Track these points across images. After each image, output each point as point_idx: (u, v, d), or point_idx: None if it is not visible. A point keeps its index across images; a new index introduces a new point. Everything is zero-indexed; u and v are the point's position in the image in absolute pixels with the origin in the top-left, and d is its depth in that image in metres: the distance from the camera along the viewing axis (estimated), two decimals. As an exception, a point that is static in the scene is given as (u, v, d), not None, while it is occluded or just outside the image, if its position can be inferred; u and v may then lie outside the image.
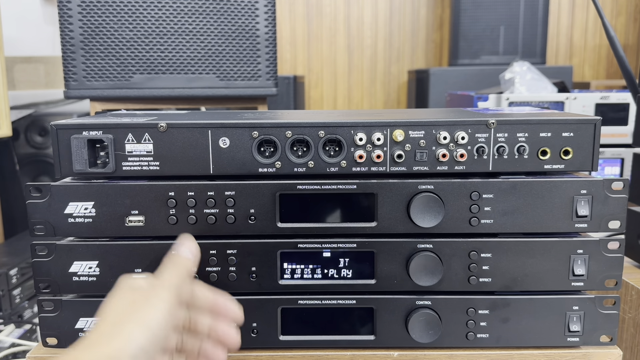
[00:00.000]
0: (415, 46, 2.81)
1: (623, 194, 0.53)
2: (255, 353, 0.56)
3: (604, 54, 2.79)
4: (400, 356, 0.56)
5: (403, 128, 0.53)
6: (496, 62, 2.32)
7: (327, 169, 0.53)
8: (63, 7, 1.09)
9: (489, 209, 0.54)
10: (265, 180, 0.54)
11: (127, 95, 1.13)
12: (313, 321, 0.57)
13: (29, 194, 0.53)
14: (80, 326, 0.56)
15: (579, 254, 0.54)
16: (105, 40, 1.11)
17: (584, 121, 0.53)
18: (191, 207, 0.53)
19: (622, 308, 0.72)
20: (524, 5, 2.31)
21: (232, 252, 0.55)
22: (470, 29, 2.34)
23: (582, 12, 2.76)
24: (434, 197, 0.53)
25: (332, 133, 0.53)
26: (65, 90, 1.13)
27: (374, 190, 0.54)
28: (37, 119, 1.87)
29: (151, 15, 1.11)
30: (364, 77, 2.83)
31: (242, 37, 1.15)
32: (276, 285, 0.56)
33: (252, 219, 0.54)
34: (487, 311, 0.56)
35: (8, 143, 1.79)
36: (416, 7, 2.78)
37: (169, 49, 1.13)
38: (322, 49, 2.79)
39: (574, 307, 0.55)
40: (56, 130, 0.53)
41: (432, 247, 0.55)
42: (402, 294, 0.56)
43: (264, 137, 0.53)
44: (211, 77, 1.16)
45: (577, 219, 0.54)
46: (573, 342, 0.56)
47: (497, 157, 0.54)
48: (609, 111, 1.40)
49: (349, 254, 0.55)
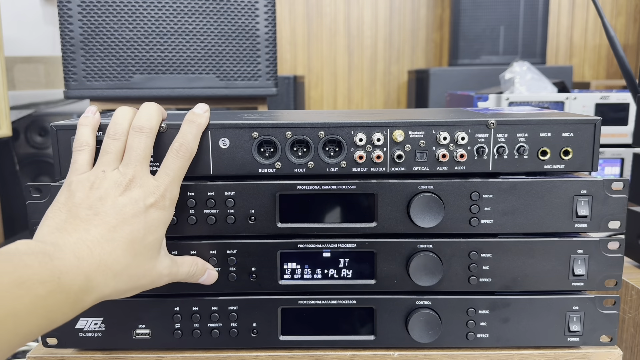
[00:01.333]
0: (415, 46, 2.81)
1: (623, 194, 0.53)
2: (255, 353, 0.56)
3: (604, 54, 2.79)
4: (400, 356, 0.56)
5: (403, 128, 0.53)
6: (496, 62, 2.32)
7: (327, 170, 0.53)
8: (63, 7, 1.09)
9: (489, 209, 0.54)
10: (265, 180, 0.54)
11: (127, 95, 1.13)
12: (313, 321, 0.57)
13: (29, 194, 0.53)
14: (80, 326, 0.56)
15: (579, 254, 0.54)
16: (105, 40, 1.11)
17: (584, 121, 0.53)
18: (191, 207, 0.53)
19: (622, 308, 0.72)
20: (524, 5, 2.31)
21: (232, 252, 0.55)
22: (470, 29, 2.34)
23: (582, 12, 2.76)
24: (434, 197, 0.53)
25: (332, 133, 0.53)
26: (65, 90, 1.13)
27: (374, 191, 0.54)
28: (37, 119, 1.87)
29: (151, 15, 1.11)
30: (364, 77, 2.83)
31: (242, 37, 1.15)
32: (276, 285, 0.56)
33: (252, 219, 0.54)
34: (487, 311, 0.56)
35: (8, 143, 1.79)
36: (416, 7, 2.78)
37: (169, 49, 1.13)
38: (322, 49, 2.79)
39: (574, 307, 0.55)
40: (56, 131, 0.53)
41: (432, 247, 0.55)
42: (402, 294, 0.56)
43: (264, 137, 0.53)
44: (211, 77, 1.16)
45: (577, 219, 0.54)
46: (573, 342, 0.56)
47: (497, 157, 0.54)
48: (609, 111, 1.40)
49: (349, 254, 0.55)
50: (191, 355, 0.56)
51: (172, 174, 0.49)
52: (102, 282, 0.43)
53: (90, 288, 0.42)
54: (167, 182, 0.48)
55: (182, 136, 0.50)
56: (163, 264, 0.48)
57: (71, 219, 0.44)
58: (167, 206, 0.48)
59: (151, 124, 0.50)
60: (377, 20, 2.78)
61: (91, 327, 0.56)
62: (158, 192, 0.47)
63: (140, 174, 0.47)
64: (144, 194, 0.47)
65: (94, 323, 0.56)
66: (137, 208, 0.46)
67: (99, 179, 0.47)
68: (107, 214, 0.45)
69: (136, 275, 0.46)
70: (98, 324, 0.56)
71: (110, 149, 0.48)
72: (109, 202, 0.45)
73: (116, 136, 0.49)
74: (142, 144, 0.49)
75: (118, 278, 0.44)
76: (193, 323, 0.56)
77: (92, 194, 0.46)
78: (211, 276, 0.54)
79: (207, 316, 0.56)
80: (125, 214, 0.45)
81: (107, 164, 0.48)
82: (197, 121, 0.51)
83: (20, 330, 0.37)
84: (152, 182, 0.48)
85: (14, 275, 0.37)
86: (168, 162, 0.49)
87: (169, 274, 0.49)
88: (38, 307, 0.38)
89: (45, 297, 0.38)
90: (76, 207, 0.45)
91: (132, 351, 0.56)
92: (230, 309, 0.56)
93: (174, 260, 0.50)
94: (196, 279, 0.53)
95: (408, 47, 2.81)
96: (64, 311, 0.40)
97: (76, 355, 0.56)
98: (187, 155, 0.50)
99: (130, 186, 0.47)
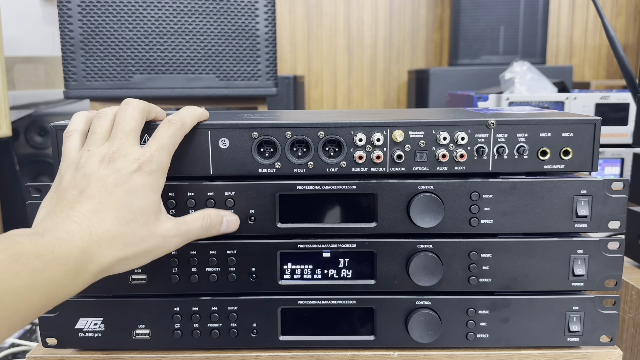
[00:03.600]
0: (415, 46, 2.81)
1: (623, 194, 0.53)
2: (255, 353, 0.56)
3: (604, 54, 2.79)
4: (400, 356, 0.56)
5: (403, 128, 0.53)
6: (496, 62, 2.32)
7: (327, 170, 0.53)
8: (63, 7, 1.09)
9: (488, 209, 0.54)
10: (265, 180, 0.54)
11: (127, 95, 1.13)
12: (313, 321, 0.57)
13: (28, 194, 0.53)
14: (80, 326, 0.56)
15: (579, 254, 0.54)
16: (105, 40, 1.11)
17: (584, 121, 0.53)
18: (191, 207, 0.53)
19: (622, 308, 0.72)
20: (524, 5, 2.31)
21: (232, 252, 0.55)
22: (470, 29, 2.34)
23: (582, 12, 2.76)
24: (433, 197, 0.53)
25: (331, 134, 0.53)
26: (65, 90, 1.13)
27: (374, 191, 0.54)
28: (37, 119, 1.88)
29: (151, 15, 1.11)
30: (364, 77, 2.83)
31: (242, 37, 1.15)
32: (276, 285, 0.56)
33: (252, 220, 0.54)
34: (487, 311, 0.56)
35: (8, 143, 1.79)
36: (416, 7, 2.78)
37: (169, 49, 1.13)
38: (322, 49, 2.79)
39: (574, 307, 0.55)
40: (56, 131, 0.53)
41: (432, 247, 0.55)
42: (402, 294, 0.56)
43: (263, 137, 0.53)
44: (211, 77, 1.16)
45: (577, 219, 0.54)
46: (573, 342, 0.56)
47: (497, 157, 0.54)
48: (609, 111, 1.40)
49: (348, 254, 0.55)
50: (191, 355, 0.56)
51: (160, 140, 0.48)
52: (97, 252, 0.42)
53: (87, 259, 0.41)
54: (154, 148, 0.47)
55: (176, 113, 0.50)
56: (165, 226, 0.47)
57: (60, 203, 0.44)
58: (154, 170, 0.47)
59: (138, 102, 0.50)
60: (377, 21, 2.78)
61: (91, 327, 0.56)
62: (143, 157, 0.46)
63: (125, 145, 0.47)
64: (127, 162, 0.46)
65: (94, 323, 0.56)
66: (120, 176, 0.45)
67: (84, 158, 0.46)
68: (91, 188, 0.44)
69: (134, 241, 0.45)
70: (98, 324, 0.56)
71: (97, 129, 0.48)
72: (93, 177, 0.45)
73: (102, 115, 0.49)
74: (129, 116, 0.48)
75: (114, 246, 0.43)
76: (193, 323, 0.56)
77: (77, 173, 0.46)
78: (231, 222, 0.52)
79: (207, 316, 0.56)
80: (107, 185, 0.45)
81: (93, 142, 0.48)
82: (194, 106, 0.52)
83: (20, 306, 0.37)
84: (137, 150, 0.47)
85: (7, 252, 0.37)
86: (158, 130, 0.49)
87: (176, 234, 0.48)
88: (36, 281, 0.38)
89: (43, 270, 0.38)
90: (63, 190, 0.45)
91: (132, 351, 0.56)
92: (230, 309, 0.56)
93: (181, 221, 0.49)
94: (215, 231, 0.51)
95: (408, 47, 2.81)
96: (64, 284, 0.40)
97: (76, 356, 0.56)
98: (178, 125, 0.49)
99: (114, 157, 0.46)
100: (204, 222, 0.50)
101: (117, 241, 0.44)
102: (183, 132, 0.50)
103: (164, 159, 0.48)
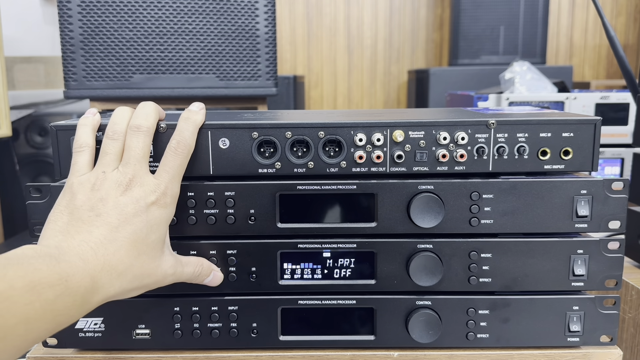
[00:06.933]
0: (415, 46, 2.81)
1: (623, 194, 0.53)
2: (255, 353, 0.56)
3: (604, 54, 2.79)
4: (400, 356, 0.56)
5: (403, 128, 0.53)
6: (496, 62, 2.32)
7: (327, 170, 0.53)
8: (63, 7, 1.09)
9: (489, 209, 0.54)
10: (265, 180, 0.54)
11: (127, 95, 1.13)
12: (313, 321, 0.57)
13: (28, 195, 0.53)
14: (80, 326, 0.56)
15: (579, 254, 0.54)
16: (105, 40, 1.10)
17: (584, 121, 0.53)
18: (191, 207, 0.53)
19: (622, 308, 0.72)
20: (524, 5, 2.31)
21: (232, 252, 0.55)
22: (470, 29, 2.34)
23: (582, 12, 2.76)
24: (434, 197, 0.53)
25: (332, 134, 0.53)
26: (65, 90, 1.13)
27: (374, 191, 0.54)
28: (37, 119, 1.88)
29: (151, 15, 1.11)
30: (364, 77, 2.83)
31: (242, 37, 1.15)
32: (276, 285, 0.56)
33: (252, 220, 0.54)
34: (487, 311, 0.56)
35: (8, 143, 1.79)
36: (416, 7, 2.78)
37: (169, 49, 1.13)
38: (322, 49, 2.79)
39: (574, 307, 0.55)
40: (56, 131, 0.53)
41: (432, 247, 0.55)
42: (402, 294, 0.56)
43: (263, 137, 0.53)
44: (211, 77, 1.16)
45: (577, 219, 0.54)
46: (573, 342, 0.56)
47: (497, 157, 0.54)
48: (609, 111, 1.40)
49: (349, 254, 0.55)
50: (191, 355, 0.56)
51: (171, 171, 0.49)
52: (107, 282, 0.43)
53: (96, 289, 0.42)
54: (167, 179, 0.48)
55: (179, 133, 0.50)
56: (168, 263, 0.48)
57: (73, 222, 0.44)
58: (169, 204, 0.48)
59: (148, 123, 0.50)
60: (377, 20, 2.78)
61: (91, 327, 0.56)
62: (159, 190, 0.47)
63: (140, 172, 0.48)
64: (144, 192, 0.47)
65: (94, 323, 0.56)
66: (139, 207, 0.46)
67: (100, 180, 0.47)
68: (109, 215, 0.45)
69: (141, 274, 0.46)
70: (98, 324, 0.56)
71: (110, 150, 0.49)
72: (110, 203, 0.45)
73: (115, 136, 0.49)
74: (141, 143, 0.49)
75: (123, 278, 0.44)
76: (193, 323, 0.56)
77: (94, 195, 0.46)
78: (216, 277, 0.54)
79: (207, 316, 0.56)
80: (127, 214, 0.45)
81: (107, 164, 0.48)
82: (193, 118, 0.51)
83: (30, 335, 0.37)
84: (152, 181, 0.48)
85: (25, 279, 0.37)
86: (167, 159, 0.49)
87: (173, 273, 0.49)
88: (47, 311, 0.38)
89: (54, 301, 0.38)
90: (78, 209, 0.45)
91: (132, 351, 0.56)
92: (230, 309, 0.56)
93: (179, 260, 0.50)
94: (201, 280, 0.53)
95: (408, 47, 2.81)
96: (71, 314, 0.40)
97: (76, 355, 0.56)
98: (185, 152, 0.50)
99: (131, 185, 0.47)
100: (196, 270, 0.52)
101: (127, 273, 0.44)
102: (189, 156, 0.51)
103: (176, 190, 0.49)
